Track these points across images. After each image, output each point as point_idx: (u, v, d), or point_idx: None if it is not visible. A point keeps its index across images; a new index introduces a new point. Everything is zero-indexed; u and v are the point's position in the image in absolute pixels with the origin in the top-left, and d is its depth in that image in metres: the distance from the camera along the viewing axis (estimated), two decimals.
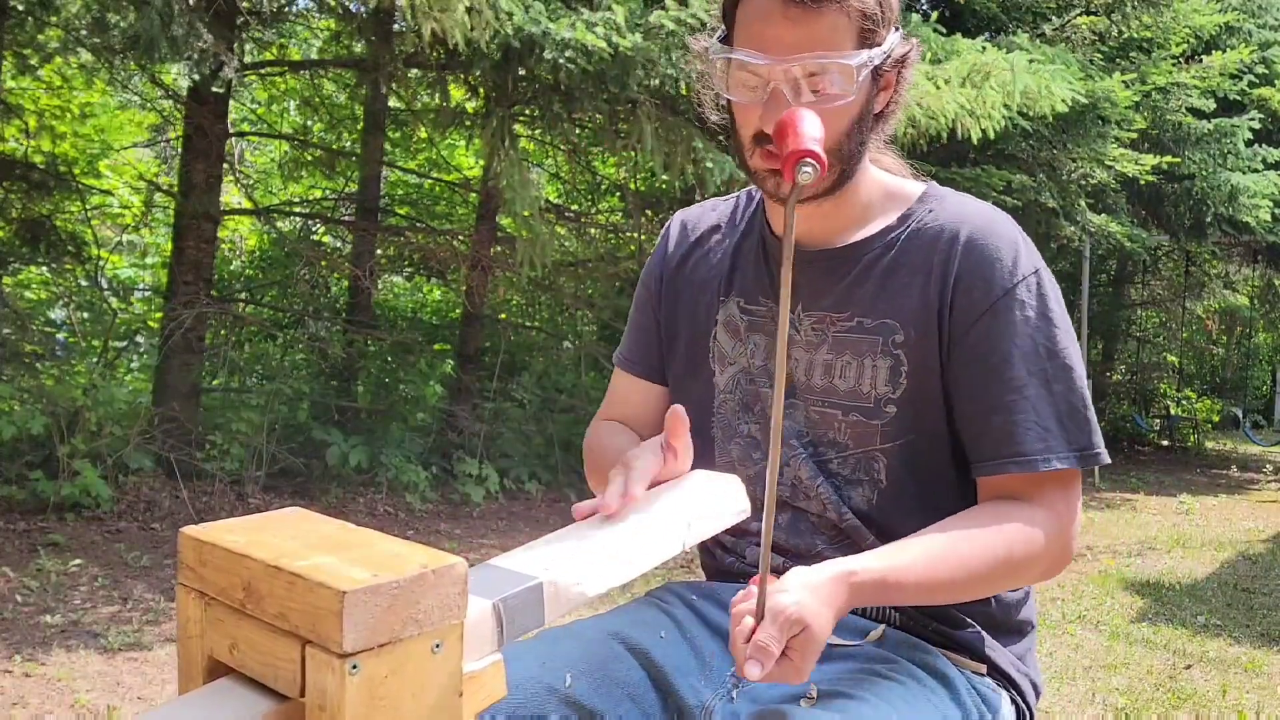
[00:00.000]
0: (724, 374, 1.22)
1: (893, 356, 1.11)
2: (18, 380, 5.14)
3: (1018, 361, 1.06)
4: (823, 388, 1.15)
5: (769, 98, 1.04)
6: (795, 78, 1.04)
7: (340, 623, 0.62)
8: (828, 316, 1.15)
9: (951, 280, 1.09)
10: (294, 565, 0.66)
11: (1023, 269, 1.09)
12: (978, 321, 1.08)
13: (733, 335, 1.22)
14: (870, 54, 1.04)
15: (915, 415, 1.11)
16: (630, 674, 1.06)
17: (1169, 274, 13.45)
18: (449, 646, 0.69)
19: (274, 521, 0.77)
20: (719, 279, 1.24)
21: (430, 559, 0.69)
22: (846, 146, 1.08)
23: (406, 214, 7.90)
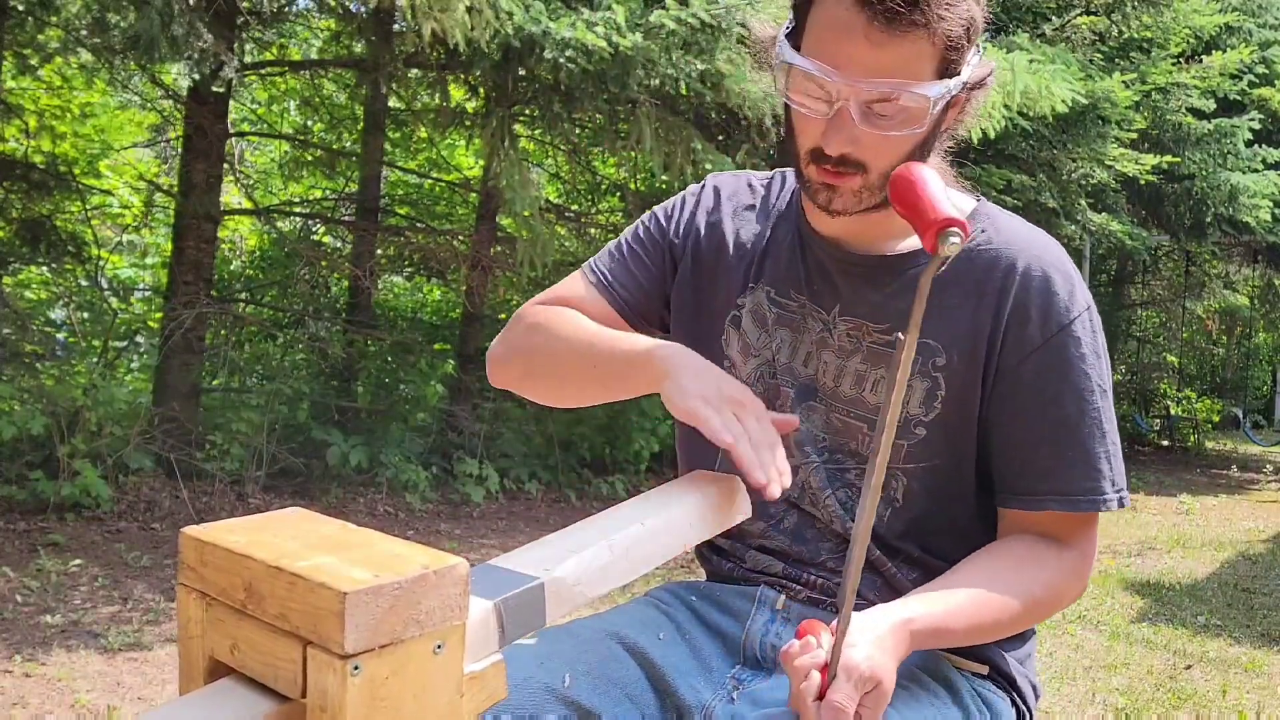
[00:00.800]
0: (747, 363, 1.18)
1: (930, 379, 1.08)
2: (18, 380, 5.14)
3: (1069, 400, 1.05)
4: (851, 397, 1.12)
5: (834, 116, 1.00)
6: (866, 101, 0.98)
7: (342, 623, 0.62)
8: (864, 325, 1.11)
9: (1007, 311, 1.06)
10: (295, 566, 0.65)
11: (1079, 304, 1.07)
12: (1032, 355, 1.05)
13: (759, 325, 1.18)
14: (949, 85, 0.99)
15: (944, 440, 1.08)
16: (628, 674, 1.06)
17: (1169, 274, 13.45)
18: (450, 647, 0.69)
19: (275, 522, 0.77)
20: (749, 262, 1.19)
21: (432, 560, 0.68)
22: None
23: (406, 214, 7.90)
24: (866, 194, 1.04)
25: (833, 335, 1.13)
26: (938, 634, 0.97)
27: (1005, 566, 1.03)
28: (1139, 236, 8.56)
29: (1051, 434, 1.05)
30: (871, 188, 1.03)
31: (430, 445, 6.34)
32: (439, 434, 6.44)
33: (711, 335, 1.20)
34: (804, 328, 1.15)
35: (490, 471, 6.06)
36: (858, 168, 1.02)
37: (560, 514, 6.01)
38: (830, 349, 1.13)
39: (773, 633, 1.11)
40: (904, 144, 1.02)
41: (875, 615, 0.94)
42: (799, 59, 1.00)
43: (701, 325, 1.21)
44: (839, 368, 1.12)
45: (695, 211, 1.24)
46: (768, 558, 1.16)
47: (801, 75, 1.01)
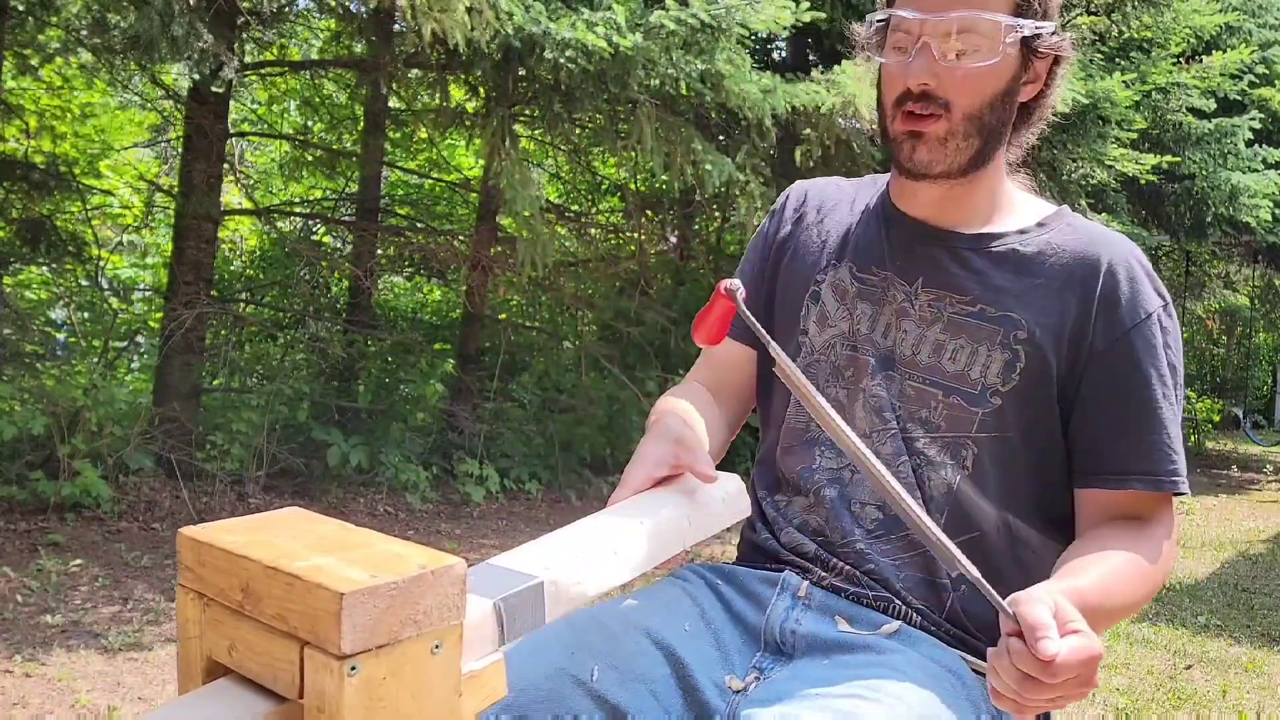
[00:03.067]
0: (822, 334, 1.22)
1: (1011, 350, 1.12)
2: (18, 380, 5.14)
3: (1155, 384, 1.10)
4: (928, 365, 1.15)
5: (918, 53, 1.08)
6: (947, 32, 1.07)
7: (338, 624, 0.62)
8: (948, 296, 1.15)
9: (1096, 296, 1.11)
10: (292, 566, 0.65)
11: (1161, 301, 1.13)
12: (1121, 339, 1.10)
13: (839, 298, 1.22)
14: (1021, 22, 1.08)
15: (1018, 413, 1.11)
16: (655, 670, 1.06)
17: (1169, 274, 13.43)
18: (448, 647, 0.69)
19: (273, 522, 0.77)
20: (833, 244, 1.25)
21: (429, 559, 0.68)
22: (988, 118, 1.11)
23: (407, 214, 7.90)
24: (952, 144, 1.10)
25: (914, 305, 1.17)
26: (1095, 612, 0.96)
27: (1126, 548, 1.05)
28: (1139, 236, 8.55)
29: (1139, 417, 1.10)
30: (956, 134, 1.10)
31: (430, 445, 6.35)
32: (439, 434, 6.44)
33: (793, 314, 1.25)
34: (886, 299, 1.18)
35: (490, 471, 6.06)
36: (941, 106, 1.09)
37: (560, 514, 6.01)
38: (910, 318, 1.17)
39: (793, 619, 1.12)
40: (983, 82, 1.09)
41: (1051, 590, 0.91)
42: (888, 10, 1.11)
43: (788, 312, 1.26)
44: (918, 336, 1.16)
45: (779, 219, 1.32)
46: (802, 536, 1.18)
47: (891, 31, 1.11)
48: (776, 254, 1.30)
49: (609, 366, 7.02)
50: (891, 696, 0.95)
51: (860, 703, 0.93)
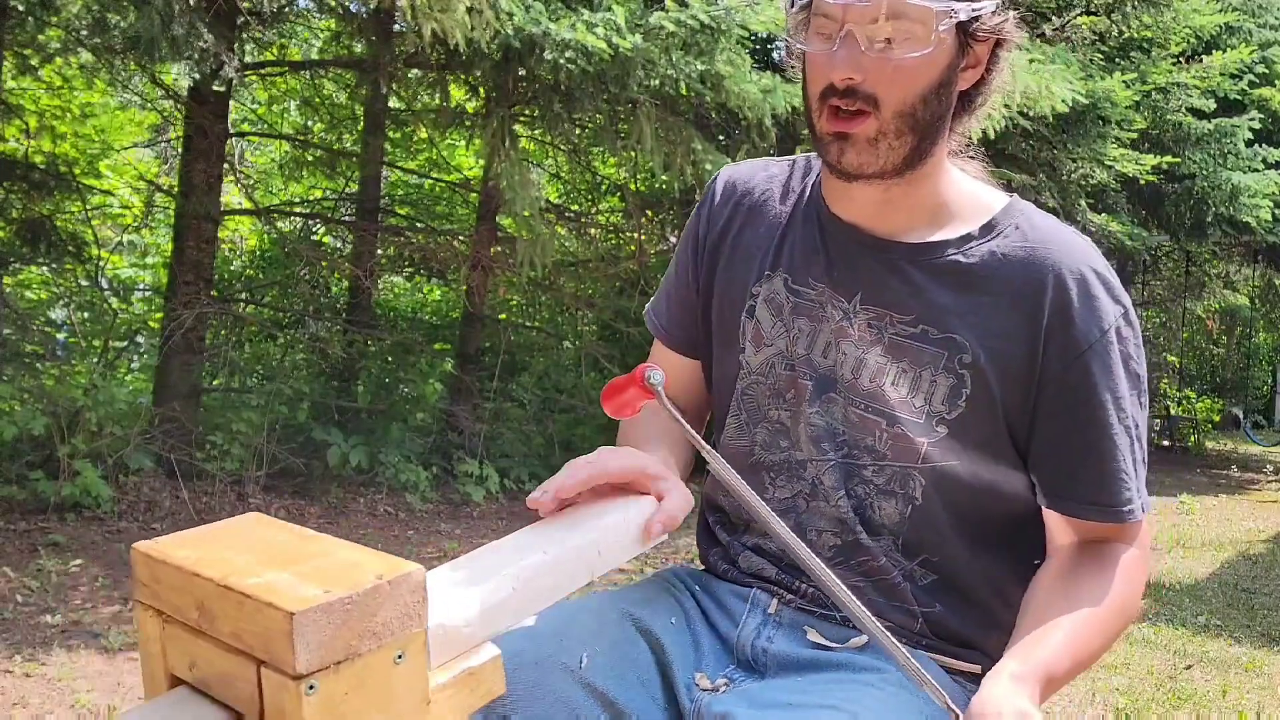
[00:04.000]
0: (759, 353, 1.14)
1: (956, 376, 1.04)
2: (18, 380, 5.14)
3: (1111, 409, 1.02)
4: (869, 391, 1.07)
5: (842, 43, 0.99)
6: (873, 18, 0.97)
7: (291, 644, 0.60)
8: (888, 315, 1.07)
9: (1046, 314, 1.02)
10: (244, 584, 0.63)
11: (1120, 310, 1.04)
12: (1075, 362, 1.02)
13: (775, 314, 1.14)
14: (955, 5, 0.97)
15: (966, 442, 1.05)
16: (642, 657, 1.06)
17: (1169, 274, 13.45)
18: (412, 656, 0.67)
19: (228, 532, 0.74)
20: (766, 250, 1.16)
21: (386, 568, 0.66)
22: (921, 114, 1.01)
23: (407, 214, 7.90)
24: (883, 144, 1.01)
25: (853, 325, 1.09)
26: (1065, 676, 0.97)
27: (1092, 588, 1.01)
28: (1139, 236, 8.55)
29: (1095, 443, 1.02)
30: (887, 133, 1.00)
31: (430, 445, 6.35)
32: (439, 434, 6.44)
33: (731, 331, 1.17)
34: (823, 316, 1.11)
35: (490, 471, 6.06)
36: (868, 103, 1.00)
37: None
38: (850, 339, 1.09)
39: (765, 636, 1.10)
40: (915, 74, 0.99)
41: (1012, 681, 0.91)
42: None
43: (726, 323, 1.18)
44: (858, 359, 1.08)
45: (707, 214, 1.22)
46: (761, 560, 1.14)
47: (814, 16, 1.02)
48: (709, 259, 1.21)
49: (609, 366, 7.02)
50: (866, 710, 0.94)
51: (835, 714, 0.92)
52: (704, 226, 1.22)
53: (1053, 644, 0.96)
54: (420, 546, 4.97)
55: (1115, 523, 1.04)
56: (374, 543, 4.95)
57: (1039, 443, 1.05)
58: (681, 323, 1.24)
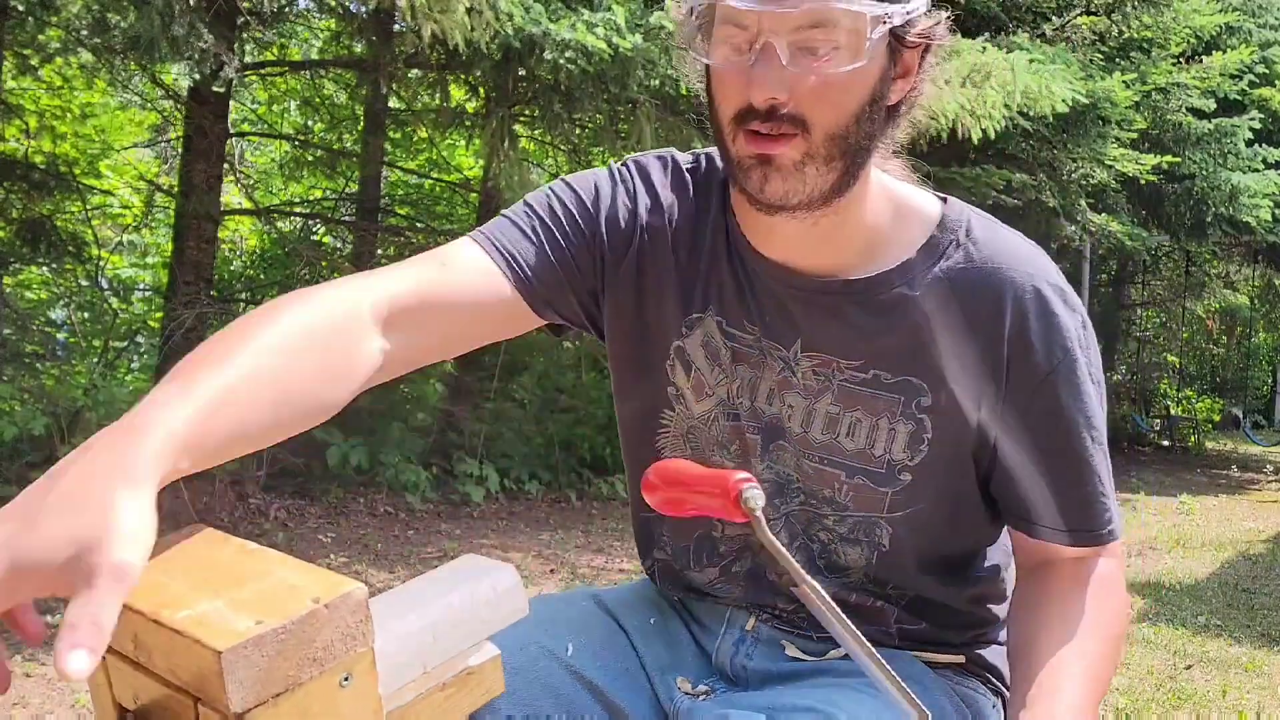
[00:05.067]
0: (701, 403, 1.03)
1: (915, 421, 0.96)
2: (18, 380, 5.14)
3: (1084, 428, 0.96)
4: (824, 443, 0.99)
5: (759, 57, 0.84)
6: (796, 27, 0.83)
7: (223, 683, 0.57)
8: (834, 362, 0.97)
9: (1006, 341, 0.94)
10: (175, 618, 0.60)
11: (1077, 319, 0.96)
12: (1041, 386, 0.94)
13: (712, 360, 1.01)
14: (889, 8, 0.84)
15: (933, 484, 0.99)
16: (624, 650, 1.07)
17: (1169, 274, 13.46)
18: (359, 675, 0.64)
19: (168, 552, 0.70)
20: (690, 284, 1.02)
21: (324, 590, 0.62)
22: (854, 135, 0.88)
23: (407, 214, 7.90)
24: (811, 169, 0.87)
25: (795, 374, 0.98)
26: None
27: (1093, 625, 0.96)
28: (1139, 236, 8.56)
29: (1068, 467, 0.97)
30: (815, 157, 0.87)
31: (430, 445, 6.34)
32: (439, 434, 6.44)
33: (655, 360, 1.04)
34: (764, 364, 1.00)
35: (490, 471, 6.06)
36: (794, 125, 0.86)
37: (560, 514, 6.01)
38: (795, 389, 0.99)
39: (743, 653, 1.08)
40: (847, 91, 0.86)
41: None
42: None
43: (646, 347, 1.04)
44: (807, 410, 0.99)
45: (630, 202, 1.03)
46: (728, 587, 1.09)
47: (719, 25, 0.86)
48: (635, 261, 1.02)
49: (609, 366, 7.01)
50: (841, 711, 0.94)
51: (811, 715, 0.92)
52: (620, 208, 1.02)
53: (1074, 689, 0.91)
54: (420, 546, 4.97)
55: (1097, 545, 1.00)
56: (374, 543, 4.95)
57: (1010, 471, 0.99)
58: (546, 282, 0.99)
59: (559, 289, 1.00)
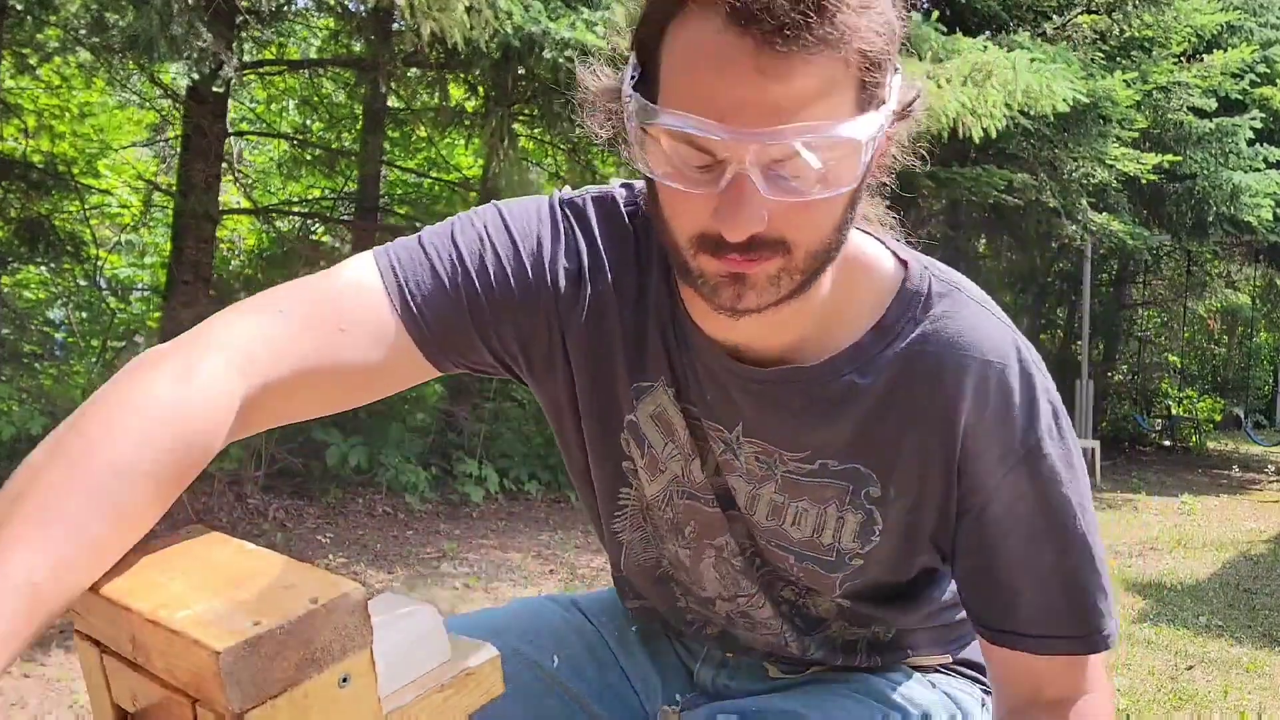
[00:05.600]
0: (654, 481, 0.95)
1: (864, 510, 0.89)
2: (16, 380, 5.13)
3: (1053, 529, 0.86)
4: (770, 528, 0.92)
5: (728, 186, 0.70)
6: (782, 157, 0.70)
7: (221, 684, 0.57)
8: (777, 452, 0.89)
9: (960, 436, 0.84)
10: (173, 619, 0.60)
11: (1044, 409, 0.86)
12: (1001, 484, 0.85)
13: (666, 433, 0.92)
14: (877, 118, 0.73)
15: (886, 565, 0.92)
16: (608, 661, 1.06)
17: (1170, 273, 13.45)
18: (358, 676, 0.64)
19: (165, 552, 0.70)
20: (635, 349, 0.91)
21: (322, 590, 0.62)
22: (834, 242, 0.78)
23: (406, 213, 7.89)
24: (787, 278, 0.77)
25: (738, 458, 0.90)
26: None
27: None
28: (1140, 236, 8.55)
29: (1038, 573, 0.87)
30: (793, 270, 0.76)
31: (430, 445, 6.34)
32: (438, 434, 6.43)
33: (610, 434, 0.95)
34: (709, 438, 0.92)
35: (490, 472, 6.05)
36: (774, 248, 0.75)
37: (560, 514, 6.00)
38: (737, 473, 0.91)
39: (724, 675, 1.08)
40: (830, 210, 0.75)
41: None
42: (665, 116, 0.71)
43: (600, 421, 0.94)
44: (751, 494, 0.91)
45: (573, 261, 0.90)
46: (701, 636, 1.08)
47: (669, 139, 0.72)
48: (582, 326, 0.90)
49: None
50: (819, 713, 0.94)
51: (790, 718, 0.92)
52: (566, 271, 0.89)
53: None
54: (419, 547, 4.96)
55: (1089, 653, 0.88)
56: (373, 543, 4.94)
57: (968, 574, 0.90)
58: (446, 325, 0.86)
59: (470, 346, 0.88)
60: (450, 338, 0.86)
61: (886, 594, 0.96)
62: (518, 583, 4.43)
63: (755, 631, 1.00)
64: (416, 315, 0.84)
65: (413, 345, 0.84)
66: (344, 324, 0.81)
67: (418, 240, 0.88)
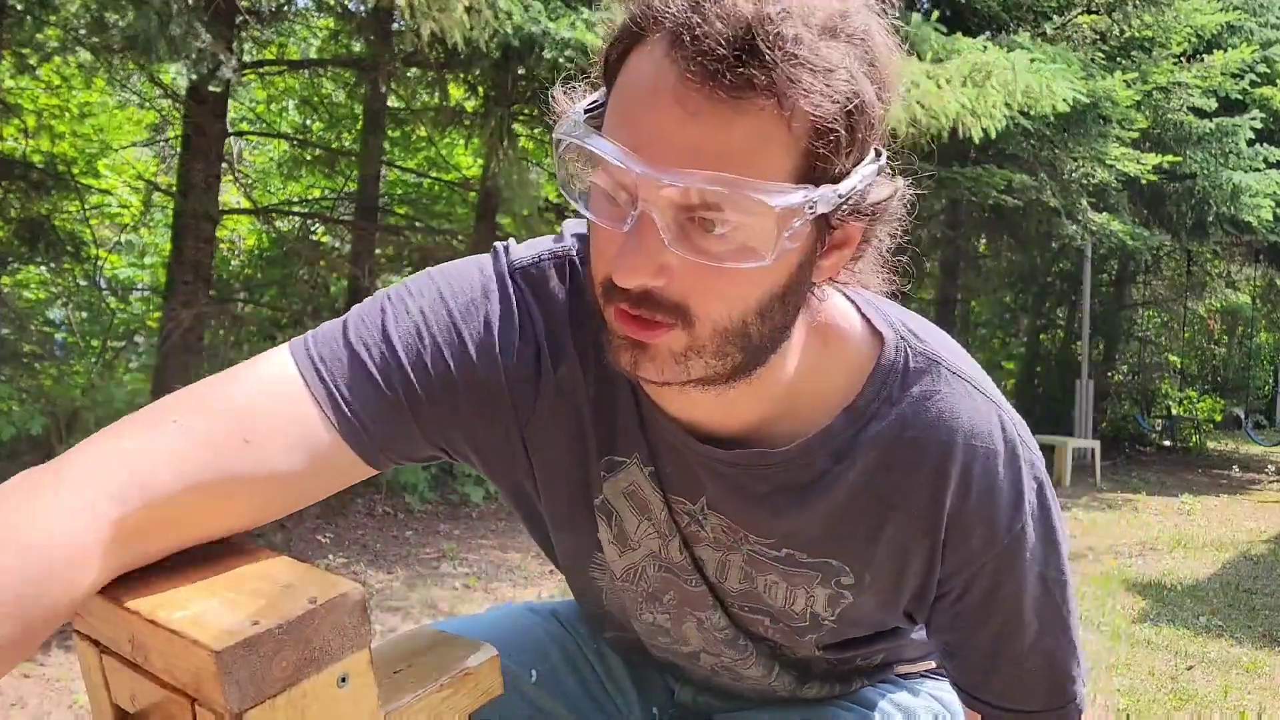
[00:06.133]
0: (622, 559, 0.89)
1: (836, 589, 0.85)
2: (16, 380, 5.13)
3: (1029, 611, 0.83)
4: (743, 592, 0.88)
5: (635, 227, 0.64)
6: (687, 204, 0.64)
7: (220, 684, 0.57)
8: (742, 532, 0.84)
9: (943, 528, 0.80)
10: (172, 618, 0.60)
11: (1029, 488, 0.81)
12: (981, 572, 0.82)
13: (640, 510, 0.86)
14: (813, 195, 0.64)
15: (860, 622, 0.89)
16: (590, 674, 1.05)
17: (1170, 274, 13.45)
18: (356, 677, 0.64)
19: None
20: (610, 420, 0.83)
21: (321, 590, 0.62)
22: (755, 330, 0.69)
23: (406, 213, 7.90)
24: (696, 361, 0.69)
25: (705, 529, 0.85)
26: None
27: None
28: (1140, 236, 8.55)
29: (1015, 651, 0.85)
30: (701, 351, 0.68)
31: None
32: None
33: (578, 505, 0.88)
34: (676, 513, 0.87)
35: None
36: (672, 314, 0.67)
37: None
38: (705, 543, 0.86)
39: (706, 695, 1.06)
40: (745, 285, 0.66)
41: None
42: (591, 139, 0.65)
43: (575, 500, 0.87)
44: (720, 561, 0.87)
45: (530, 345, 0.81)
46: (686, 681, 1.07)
47: (595, 167, 0.68)
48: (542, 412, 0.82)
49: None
50: None
51: None
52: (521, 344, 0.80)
53: None
54: (419, 547, 4.96)
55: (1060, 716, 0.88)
56: (372, 543, 4.94)
57: (945, 644, 0.89)
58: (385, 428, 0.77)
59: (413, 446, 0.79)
60: (391, 441, 0.77)
61: (865, 639, 0.95)
62: (517, 583, 4.43)
63: (742, 683, 0.98)
64: (350, 419, 0.74)
65: (346, 450, 0.74)
66: (251, 434, 0.70)
67: (342, 331, 0.77)
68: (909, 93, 4.80)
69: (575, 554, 0.92)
